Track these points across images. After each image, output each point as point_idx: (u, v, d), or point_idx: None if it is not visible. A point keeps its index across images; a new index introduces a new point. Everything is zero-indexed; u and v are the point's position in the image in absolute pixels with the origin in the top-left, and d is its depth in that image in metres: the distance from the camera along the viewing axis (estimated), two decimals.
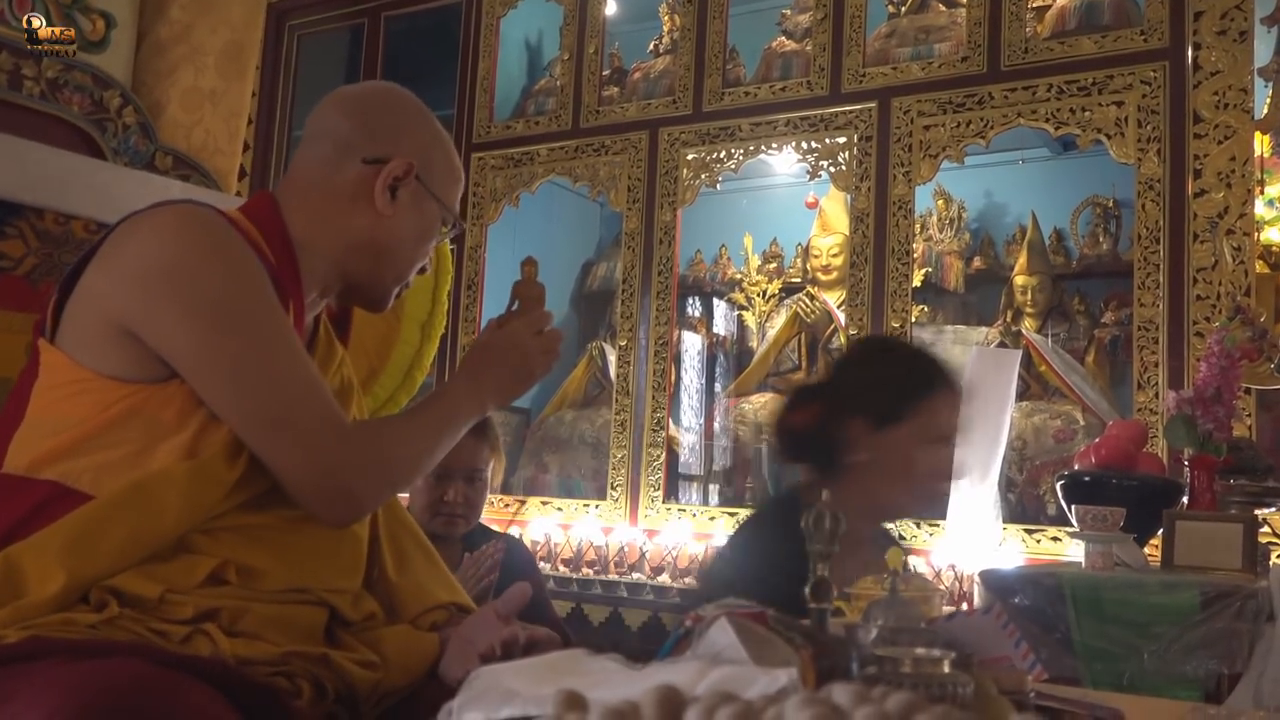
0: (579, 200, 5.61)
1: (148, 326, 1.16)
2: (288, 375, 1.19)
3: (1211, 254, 3.54)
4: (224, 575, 1.16)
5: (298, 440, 1.18)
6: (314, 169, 1.34)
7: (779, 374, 5.09)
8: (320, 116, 1.38)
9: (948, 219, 5.11)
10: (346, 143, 1.34)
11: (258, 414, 1.18)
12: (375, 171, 1.32)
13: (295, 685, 1.14)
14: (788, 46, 4.68)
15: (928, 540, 3.90)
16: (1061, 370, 4.37)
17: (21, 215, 1.75)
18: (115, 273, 1.18)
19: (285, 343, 1.21)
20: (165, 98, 2.26)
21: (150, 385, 1.17)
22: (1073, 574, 2.73)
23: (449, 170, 1.41)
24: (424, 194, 1.36)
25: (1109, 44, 3.85)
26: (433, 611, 1.38)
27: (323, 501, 1.20)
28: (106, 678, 0.95)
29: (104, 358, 1.17)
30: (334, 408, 1.23)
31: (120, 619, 1.08)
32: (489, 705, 0.87)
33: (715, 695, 0.56)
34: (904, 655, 0.96)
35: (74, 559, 1.08)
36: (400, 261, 1.38)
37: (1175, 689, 2.41)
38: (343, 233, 1.32)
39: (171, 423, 1.16)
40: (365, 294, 1.40)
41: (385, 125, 1.36)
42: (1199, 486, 2.95)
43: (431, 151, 1.38)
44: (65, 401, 1.17)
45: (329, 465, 1.19)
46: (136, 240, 1.19)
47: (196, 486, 1.15)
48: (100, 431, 1.15)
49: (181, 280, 1.17)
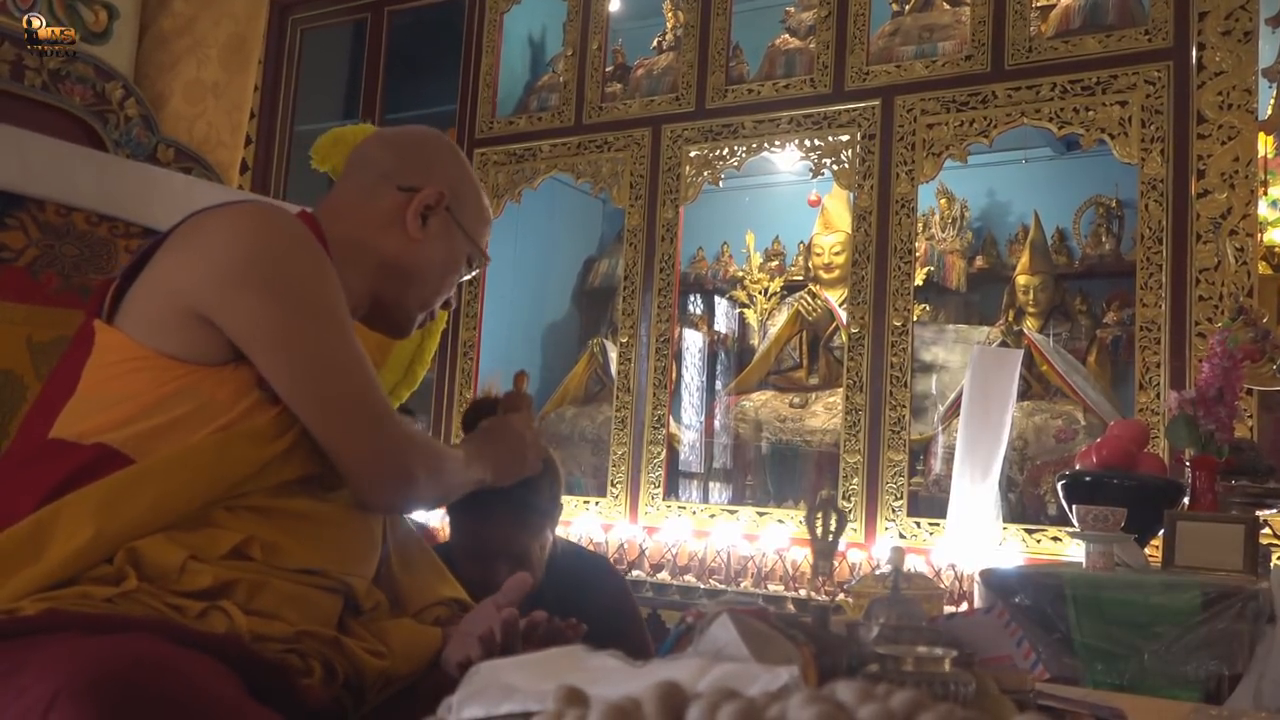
0: (581, 197, 5.61)
1: (226, 310, 1.22)
2: (358, 364, 1.27)
3: (1214, 254, 3.54)
4: (247, 550, 1.20)
5: (365, 422, 1.26)
6: (353, 195, 1.43)
7: (780, 372, 5.09)
8: (361, 149, 1.48)
9: (950, 218, 5.10)
10: (384, 171, 1.43)
11: (326, 396, 1.25)
12: (409, 198, 1.41)
13: (307, 664, 1.17)
14: (791, 44, 4.68)
15: (928, 540, 3.90)
16: (1063, 370, 4.37)
17: (23, 207, 1.75)
18: (191, 260, 1.23)
19: (352, 335, 1.29)
20: (168, 90, 2.25)
21: (208, 367, 1.22)
22: (1073, 574, 2.73)
23: (479, 210, 1.51)
24: (453, 225, 1.45)
25: (1113, 43, 3.85)
26: (435, 607, 1.42)
27: (383, 479, 1.28)
28: (115, 653, 0.96)
29: (166, 338, 1.22)
30: (390, 404, 1.32)
31: (138, 592, 1.11)
32: (489, 701, 0.86)
33: (718, 692, 0.55)
34: (906, 653, 0.95)
35: (104, 516, 1.13)
36: (426, 288, 1.46)
37: (1176, 689, 2.41)
38: (375, 253, 1.41)
39: (224, 402, 1.22)
40: (390, 317, 1.47)
41: (421, 158, 1.46)
42: (1200, 487, 2.94)
43: (464, 190, 1.48)
44: (121, 378, 1.21)
45: (391, 447, 1.27)
46: (215, 232, 1.25)
47: (223, 460, 1.19)
48: (154, 404, 1.20)
49: (262, 266, 1.23)
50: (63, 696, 0.91)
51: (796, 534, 4.02)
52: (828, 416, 4.66)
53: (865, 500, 4.02)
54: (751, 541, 4.12)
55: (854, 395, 4.13)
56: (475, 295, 4.91)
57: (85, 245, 1.78)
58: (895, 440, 4.03)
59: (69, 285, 1.74)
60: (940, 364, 4.74)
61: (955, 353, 4.71)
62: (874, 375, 4.08)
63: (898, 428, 4.04)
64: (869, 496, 4.02)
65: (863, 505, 4.02)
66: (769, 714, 0.53)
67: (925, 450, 4.47)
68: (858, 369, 4.13)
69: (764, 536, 4.13)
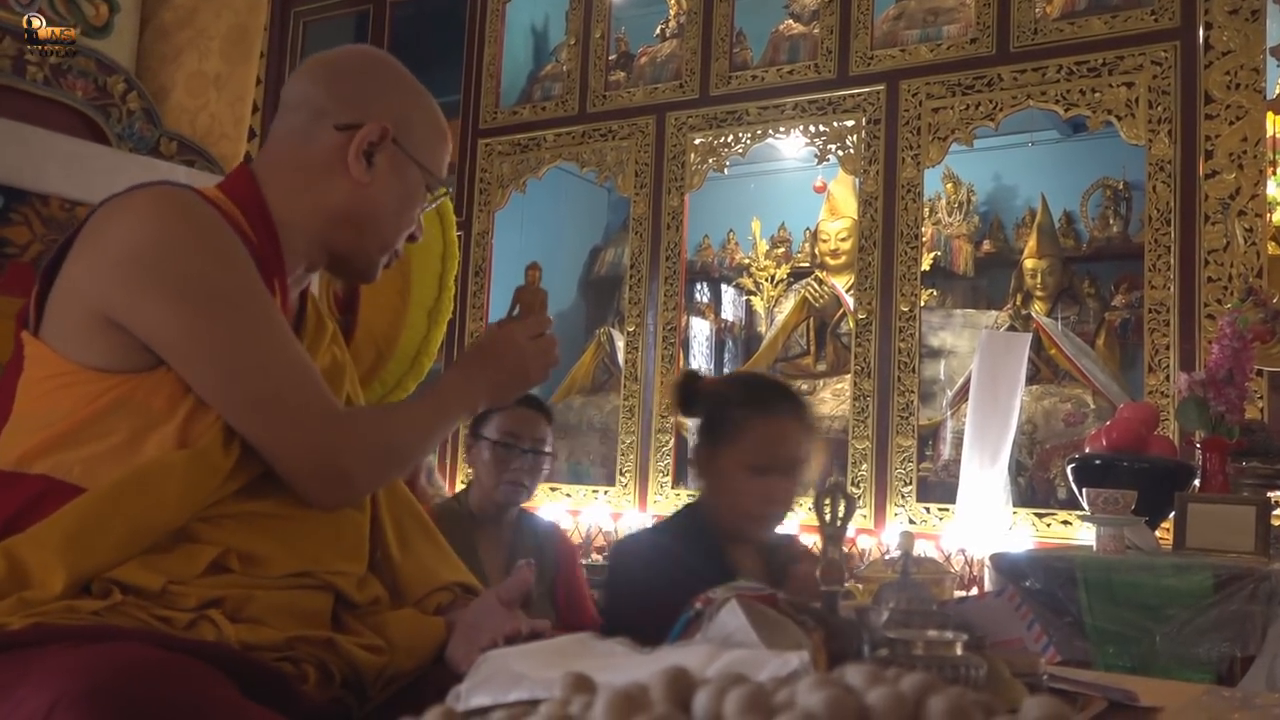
0: (586, 186, 5.60)
1: (131, 314, 1.14)
2: (274, 358, 1.18)
3: (1223, 235, 3.52)
4: (226, 563, 1.15)
5: (288, 423, 1.17)
6: (288, 141, 1.31)
7: (787, 359, 5.08)
8: (293, 86, 1.33)
9: (957, 202, 5.08)
10: (318, 110, 1.29)
11: (246, 398, 1.16)
12: (348, 138, 1.28)
13: (301, 670, 1.13)
14: (795, 29, 4.66)
15: (938, 525, 3.89)
16: (1072, 354, 4.35)
17: (26, 201, 1.75)
18: (94, 260, 1.15)
19: (270, 325, 1.19)
20: (170, 82, 2.24)
21: (137, 375, 1.15)
22: (1084, 557, 2.72)
23: (432, 132, 1.36)
24: (403, 158, 1.31)
25: (1119, 24, 3.82)
26: (438, 593, 1.36)
27: (316, 483, 1.19)
28: (111, 661, 0.94)
29: (88, 349, 1.15)
30: (324, 390, 1.21)
31: (124, 605, 1.08)
32: (497, 689, 0.86)
33: (726, 677, 0.55)
34: (916, 637, 0.95)
35: (73, 553, 1.07)
36: (384, 230, 1.33)
37: (1187, 671, 2.40)
38: (320, 205, 1.29)
39: (161, 410, 1.15)
40: (350, 266, 1.36)
41: (357, 89, 1.31)
42: (1211, 469, 2.93)
43: (410, 113, 1.33)
44: (51, 395, 1.15)
45: (319, 446, 1.17)
46: (114, 226, 1.16)
47: (195, 475, 1.13)
48: (89, 423, 1.13)
49: (162, 265, 1.14)
50: (60, 706, 0.89)
51: (806, 520, 4.01)
52: (836, 403, 4.65)
53: (874, 486, 4.01)
54: None
55: (862, 381, 4.12)
56: (481, 286, 4.90)
57: None
58: (904, 426, 4.02)
59: None
60: (948, 349, 4.73)
61: (963, 337, 4.70)
62: (882, 361, 4.07)
63: (906, 413, 4.03)
64: (878, 482, 4.01)
65: (872, 491, 4.01)
66: (777, 699, 0.52)
67: (934, 435, 4.46)
68: (865, 355, 4.12)
69: None
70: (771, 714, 0.51)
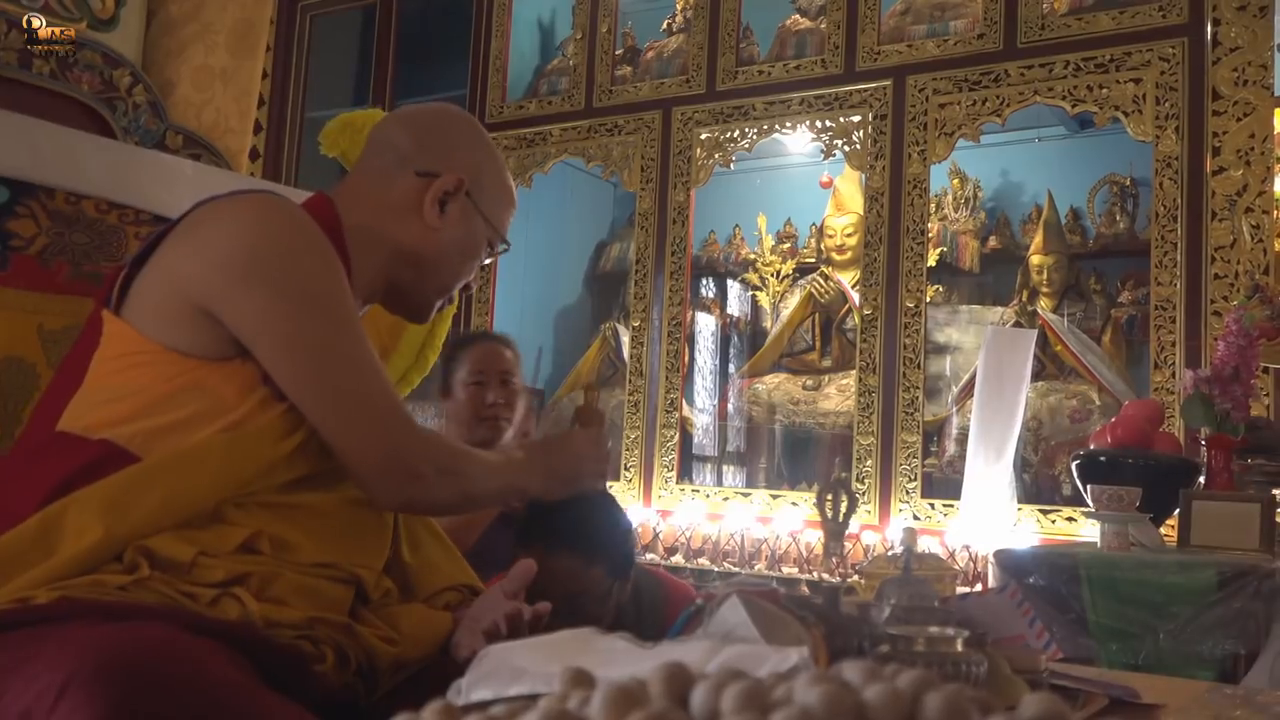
0: (592, 180, 5.60)
1: (230, 306, 1.20)
2: (365, 360, 1.25)
3: (1230, 232, 3.51)
4: (256, 545, 1.19)
5: (370, 418, 1.23)
6: (371, 178, 1.40)
7: (793, 354, 5.08)
8: (381, 129, 1.44)
9: (963, 198, 5.07)
10: (403, 156, 1.39)
11: (335, 391, 1.22)
12: (426, 184, 1.37)
13: (319, 651, 1.16)
14: (802, 24, 4.65)
15: (943, 521, 3.89)
16: (1077, 350, 4.35)
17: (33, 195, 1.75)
18: (198, 253, 1.21)
19: (361, 330, 1.27)
20: (176, 76, 2.25)
21: (214, 363, 1.20)
22: (1088, 554, 2.72)
23: (501, 193, 1.47)
24: (473, 211, 1.41)
25: (1127, 20, 3.81)
26: (445, 592, 1.40)
27: (384, 477, 1.24)
28: (125, 640, 0.96)
29: (172, 332, 1.20)
30: (400, 398, 1.29)
31: (150, 580, 1.11)
32: (498, 683, 0.86)
33: (724, 672, 0.55)
34: (917, 634, 0.95)
35: (112, 516, 1.11)
36: (443, 274, 1.42)
37: (1191, 669, 2.40)
38: (392, 240, 1.37)
39: (230, 399, 1.20)
40: (408, 303, 1.45)
41: (441, 142, 1.42)
42: (1216, 466, 2.93)
43: (485, 172, 1.44)
44: (127, 371, 1.20)
45: (395, 444, 1.24)
46: (221, 224, 1.23)
47: (235, 458, 1.18)
48: (160, 400, 1.18)
49: (266, 263, 1.21)
50: (73, 684, 0.91)
51: (810, 516, 4.01)
52: (841, 399, 4.65)
53: (879, 482, 4.01)
54: (765, 524, 4.13)
55: (867, 377, 4.12)
56: (487, 281, 4.91)
57: (95, 233, 1.78)
58: (909, 422, 4.02)
59: (79, 273, 1.74)
60: (954, 345, 4.73)
61: (969, 334, 4.69)
62: (887, 357, 4.07)
63: (911, 409, 4.02)
64: (883, 479, 4.01)
65: (877, 487, 4.01)
66: (775, 694, 0.52)
67: (939, 432, 4.45)
68: (871, 351, 4.12)
69: (777, 519, 4.13)
70: (769, 710, 0.51)
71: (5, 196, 1.68)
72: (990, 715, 0.50)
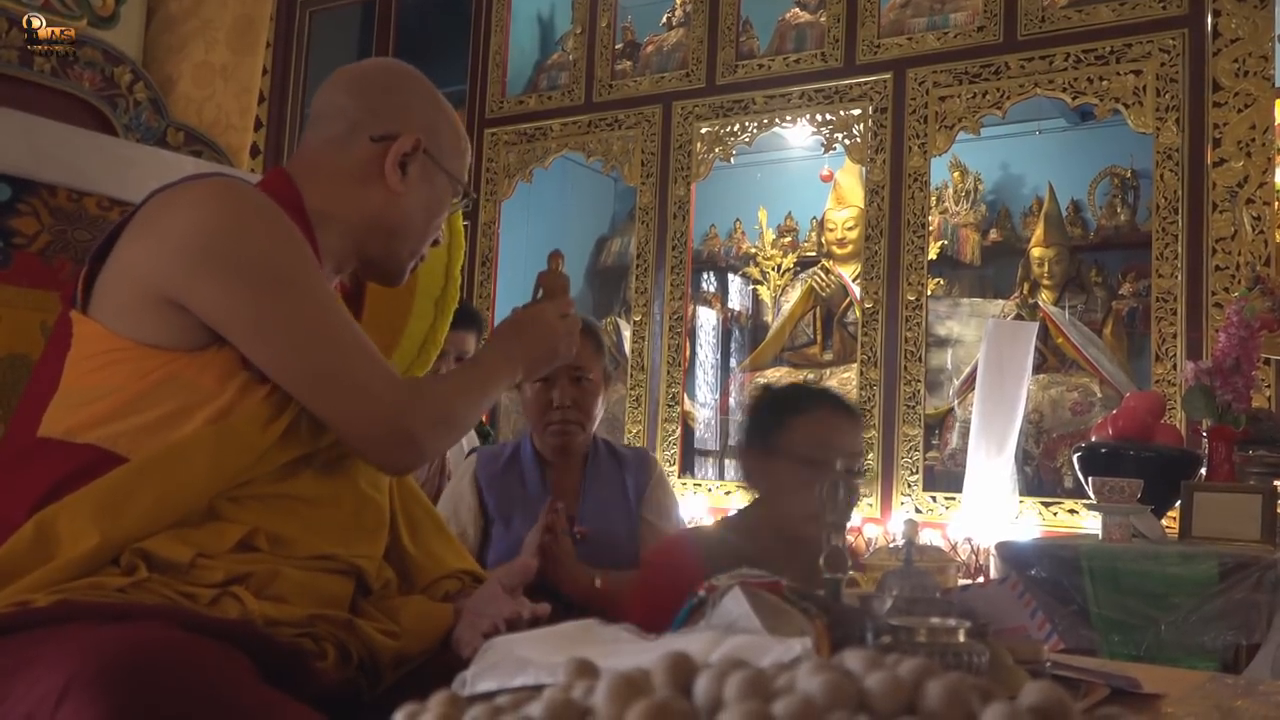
0: (592, 175, 5.60)
1: (195, 295, 1.18)
2: (340, 332, 1.23)
3: (1231, 224, 3.51)
4: (254, 542, 1.18)
5: (358, 390, 1.22)
6: (323, 149, 1.36)
7: (794, 348, 5.08)
8: (325, 96, 1.39)
9: (964, 191, 5.07)
10: (353, 121, 1.35)
11: (316, 370, 1.21)
12: (384, 149, 1.34)
13: (320, 648, 1.16)
14: (801, 18, 4.65)
15: (945, 514, 3.90)
16: (1079, 342, 4.35)
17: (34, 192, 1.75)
18: (156, 244, 1.19)
19: (332, 303, 1.25)
20: (176, 73, 2.25)
21: (189, 353, 1.19)
22: (1090, 546, 2.73)
23: (455, 141, 1.43)
24: (433, 167, 1.38)
25: (1127, 11, 3.81)
26: (446, 580, 1.40)
27: (385, 447, 1.24)
28: (126, 642, 0.96)
29: (142, 326, 1.19)
30: (384, 361, 1.27)
31: (149, 582, 1.10)
32: (502, 674, 0.87)
33: (727, 662, 0.55)
34: (919, 625, 0.95)
35: (106, 519, 1.10)
36: (413, 236, 1.39)
37: (1193, 659, 2.40)
38: (356, 211, 1.34)
39: (210, 388, 1.18)
40: (380, 269, 1.42)
41: (390, 102, 1.37)
42: (1217, 458, 2.93)
43: (437, 124, 1.40)
44: (102, 370, 1.18)
45: (389, 411, 1.22)
46: (176, 211, 1.20)
47: (226, 450, 1.17)
48: (139, 397, 1.17)
49: (229, 247, 1.19)
50: (74, 686, 0.91)
51: None
52: (842, 392, 4.65)
53: (881, 475, 4.01)
54: None
55: (868, 370, 4.12)
56: (488, 275, 4.91)
57: (97, 230, 1.79)
58: (910, 415, 4.02)
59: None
60: (955, 338, 4.73)
61: (970, 327, 4.69)
62: (888, 350, 4.07)
63: (913, 402, 4.03)
64: (885, 471, 4.01)
65: (879, 480, 4.01)
66: (777, 683, 0.53)
67: (941, 425, 4.46)
68: (872, 344, 4.12)
69: None
70: (771, 698, 0.51)
71: (7, 194, 1.68)
72: (990, 703, 0.50)
